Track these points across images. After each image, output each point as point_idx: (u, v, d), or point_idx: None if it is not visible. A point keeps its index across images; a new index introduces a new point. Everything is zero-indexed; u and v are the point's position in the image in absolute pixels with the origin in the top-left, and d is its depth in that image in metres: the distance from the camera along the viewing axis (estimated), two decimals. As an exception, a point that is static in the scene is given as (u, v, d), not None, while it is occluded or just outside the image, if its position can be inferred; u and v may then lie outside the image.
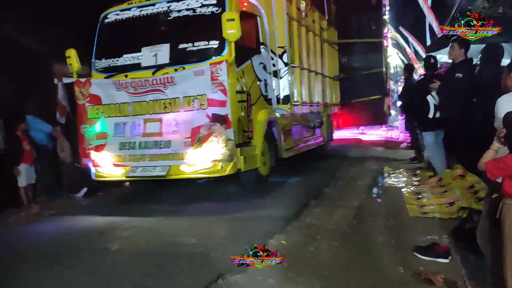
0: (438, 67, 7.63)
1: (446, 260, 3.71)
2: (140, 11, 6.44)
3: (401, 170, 7.86)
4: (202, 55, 5.96)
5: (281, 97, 7.60)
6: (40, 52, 6.10)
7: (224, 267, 3.67)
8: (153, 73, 6.03)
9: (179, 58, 6.05)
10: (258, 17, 7.09)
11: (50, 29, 6.88)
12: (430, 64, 7.13)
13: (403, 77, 14.15)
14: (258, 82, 6.82)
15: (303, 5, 8.64)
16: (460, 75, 5.82)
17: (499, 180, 2.78)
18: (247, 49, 6.63)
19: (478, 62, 5.96)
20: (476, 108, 5.34)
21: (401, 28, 21.59)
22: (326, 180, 7.31)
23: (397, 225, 4.83)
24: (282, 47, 7.55)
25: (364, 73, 12.73)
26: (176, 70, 5.94)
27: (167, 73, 5.94)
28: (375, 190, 6.28)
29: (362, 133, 15.90)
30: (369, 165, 9.00)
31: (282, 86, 7.60)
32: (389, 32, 17.38)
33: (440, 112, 6.38)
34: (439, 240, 4.19)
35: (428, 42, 16.74)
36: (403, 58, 24.00)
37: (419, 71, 15.06)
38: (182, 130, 5.79)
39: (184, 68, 5.90)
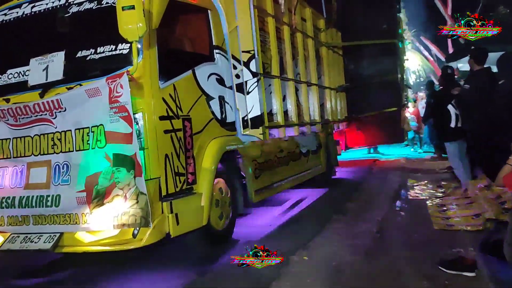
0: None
1: (473, 274, 3.60)
2: (32, 7, 4.54)
3: (425, 182, 7.71)
4: (108, 66, 4.01)
5: (251, 119, 5.57)
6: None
7: None
8: (41, 95, 4.14)
9: (77, 72, 4.15)
10: (209, 11, 5.14)
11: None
12: (447, 74, 7.11)
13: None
14: (207, 101, 4.84)
15: (282, -3, 6.58)
16: (467, 86, 5.96)
17: None
18: (188, 55, 4.71)
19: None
20: (497, 118, 5.33)
21: (422, 38, 20.20)
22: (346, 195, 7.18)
23: (421, 238, 4.75)
24: (248, 52, 5.50)
25: (376, 81, 10.53)
26: (69, 89, 4.03)
27: (59, 93, 4.04)
28: (398, 203, 6.14)
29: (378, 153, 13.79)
30: (391, 177, 8.73)
31: (251, 104, 5.56)
32: (406, 33, 15.40)
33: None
34: (465, 253, 4.10)
35: (451, 50, 16.42)
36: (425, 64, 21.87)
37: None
38: (75, 179, 3.84)
39: (81, 86, 3.99)
